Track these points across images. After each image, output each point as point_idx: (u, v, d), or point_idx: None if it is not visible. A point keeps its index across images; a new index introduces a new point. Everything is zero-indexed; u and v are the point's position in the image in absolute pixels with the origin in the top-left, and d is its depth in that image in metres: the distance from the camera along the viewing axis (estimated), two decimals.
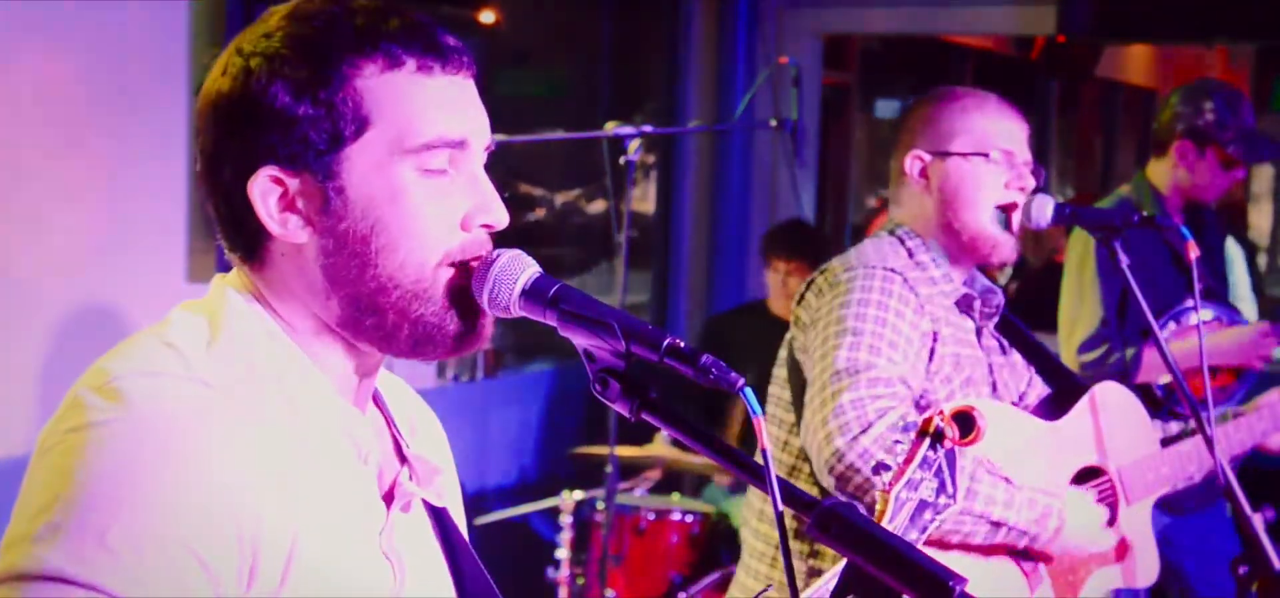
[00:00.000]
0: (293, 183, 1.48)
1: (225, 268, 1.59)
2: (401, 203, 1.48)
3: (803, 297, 3.01)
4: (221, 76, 1.50)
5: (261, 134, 1.47)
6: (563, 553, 4.86)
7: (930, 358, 2.86)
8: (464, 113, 1.52)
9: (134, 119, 4.15)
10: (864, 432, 2.69)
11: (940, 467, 2.20)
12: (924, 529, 2.23)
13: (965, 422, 2.17)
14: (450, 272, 1.50)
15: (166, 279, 4.24)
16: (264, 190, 1.48)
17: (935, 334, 2.87)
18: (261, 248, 1.52)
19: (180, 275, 4.28)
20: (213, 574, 1.34)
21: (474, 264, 1.51)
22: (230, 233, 1.53)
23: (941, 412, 2.17)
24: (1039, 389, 3.13)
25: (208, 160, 1.52)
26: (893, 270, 2.87)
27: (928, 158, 2.96)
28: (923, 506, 2.19)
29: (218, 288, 1.55)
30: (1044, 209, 2.95)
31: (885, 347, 2.77)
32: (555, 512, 4.90)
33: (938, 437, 2.18)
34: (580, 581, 4.92)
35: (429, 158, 1.49)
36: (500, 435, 5.94)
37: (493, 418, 5.93)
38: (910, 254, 2.97)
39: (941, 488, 2.20)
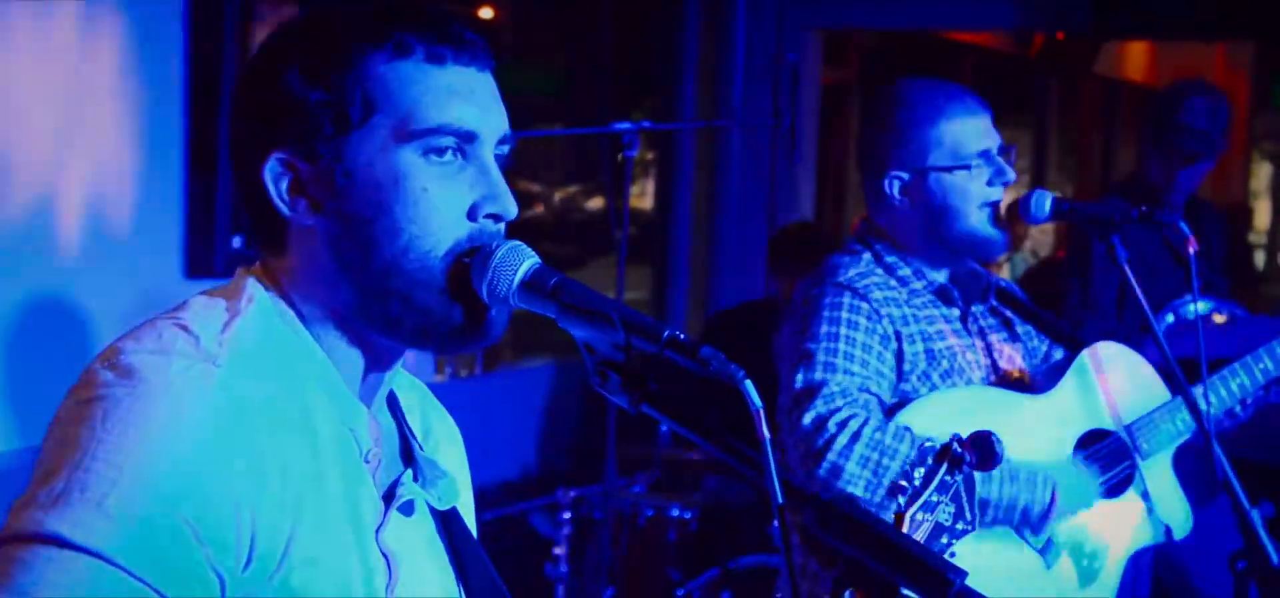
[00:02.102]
0: (302, 167, 1.52)
1: (223, 265, 1.62)
2: (404, 187, 1.50)
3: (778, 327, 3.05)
4: (247, 68, 1.56)
5: (274, 119, 1.52)
6: (561, 550, 4.85)
7: (899, 359, 2.88)
8: (473, 103, 1.53)
9: (130, 115, 4.14)
10: (828, 446, 2.74)
11: (958, 492, 2.20)
12: (944, 551, 2.23)
13: (984, 447, 2.16)
14: (457, 262, 1.51)
15: (163, 275, 4.22)
16: (275, 174, 1.52)
17: (898, 335, 2.88)
18: (280, 235, 1.55)
19: (176, 271, 4.27)
20: (208, 548, 1.36)
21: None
22: (254, 220, 1.57)
23: (960, 437, 2.17)
24: (1058, 356, 3.14)
25: (233, 148, 1.57)
26: (840, 285, 2.90)
27: (907, 177, 2.96)
28: (939, 529, 2.19)
29: (239, 276, 1.57)
30: (1042, 204, 2.96)
31: (840, 361, 2.82)
32: (554, 508, 4.90)
33: (956, 462, 2.18)
34: (578, 578, 4.91)
35: (433, 143, 1.51)
36: (498, 432, 5.93)
37: (491, 414, 5.92)
38: (877, 258, 2.98)
39: (959, 513, 2.20)
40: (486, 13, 6.30)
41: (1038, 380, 3.09)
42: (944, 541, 2.22)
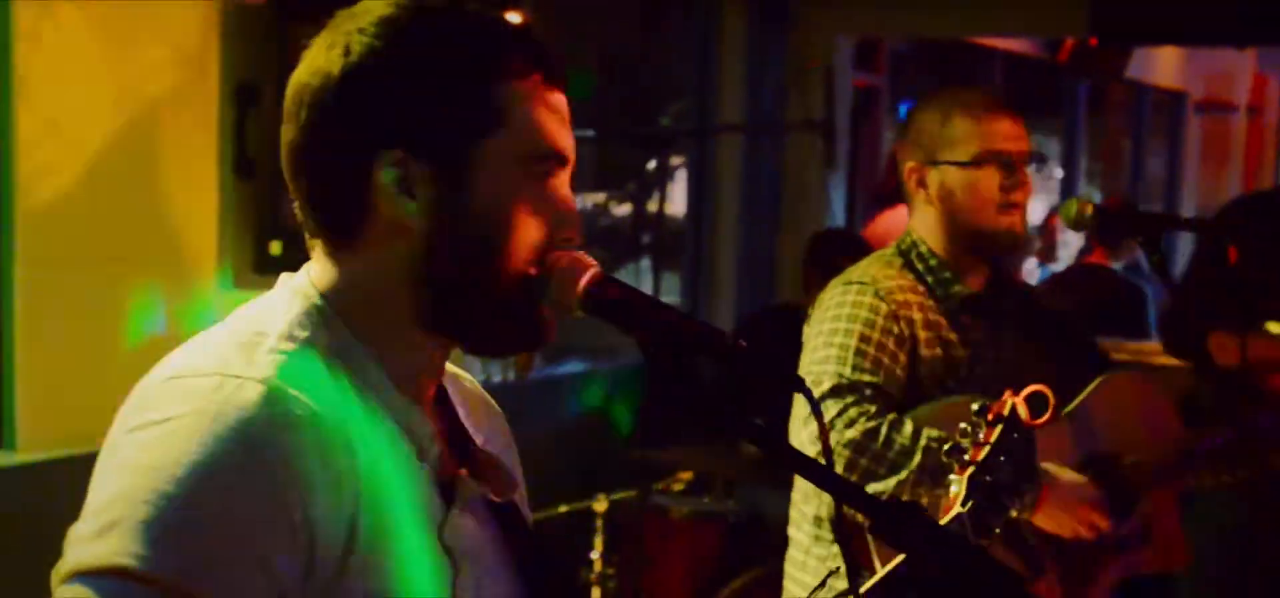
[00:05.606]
0: (417, 167, 1.51)
1: (261, 272, 1.63)
2: (516, 207, 1.52)
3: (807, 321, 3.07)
4: (343, 55, 1.51)
5: (396, 114, 1.50)
6: (595, 554, 4.86)
7: (915, 362, 2.91)
8: (569, 130, 1.58)
9: (165, 121, 4.14)
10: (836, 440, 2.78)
11: (1019, 452, 2.19)
12: (1005, 511, 2.20)
13: (1039, 402, 2.17)
14: (530, 274, 1.54)
15: (198, 283, 4.21)
16: (390, 170, 1.50)
17: (914, 338, 2.91)
18: (357, 229, 1.54)
19: (211, 280, 4.25)
20: (268, 565, 1.37)
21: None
22: (322, 211, 1.55)
23: (1013, 392, 2.17)
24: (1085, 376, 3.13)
25: (315, 134, 1.53)
26: (863, 283, 2.94)
27: (923, 169, 3.00)
28: (1000, 488, 2.18)
29: (286, 281, 1.58)
30: (1071, 210, 2.97)
31: (852, 356, 2.85)
32: (588, 512, 4.90)
33: (1012, 420, 2.18)
34: (612, 582, 4.92)
35: (542, 168, 1.54)
36: (533, 436, 5.90)
37: (525, 419, 5.88)
38: (907, 264, 3.00)
39: (1020, 474, 2.19)
40: (515, 18, 6.31)
41: (1060, 397, 3.09)
42: (1005, 500, 2.20)
